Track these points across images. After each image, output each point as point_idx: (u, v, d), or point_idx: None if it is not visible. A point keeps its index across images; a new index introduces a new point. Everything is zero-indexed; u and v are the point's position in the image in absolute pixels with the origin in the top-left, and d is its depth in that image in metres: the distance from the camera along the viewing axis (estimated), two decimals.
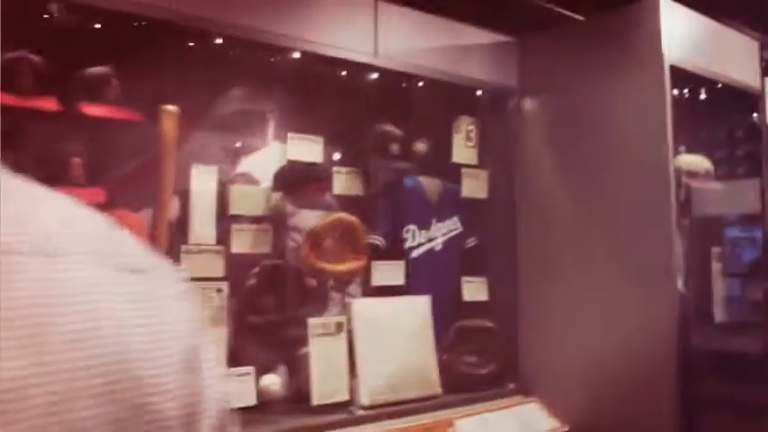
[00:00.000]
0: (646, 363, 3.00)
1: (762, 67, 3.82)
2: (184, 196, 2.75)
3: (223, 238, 2.77)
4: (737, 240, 4.25)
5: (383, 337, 3.00)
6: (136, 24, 2.45)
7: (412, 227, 3.45)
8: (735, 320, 4.10)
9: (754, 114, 3.80)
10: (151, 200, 2.63)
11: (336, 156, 3.30)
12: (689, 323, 3.14)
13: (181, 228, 2.74)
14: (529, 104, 3.53)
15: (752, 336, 3.84)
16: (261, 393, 2.70)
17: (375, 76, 3.11)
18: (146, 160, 2.67)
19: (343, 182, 3.15)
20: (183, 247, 2.66)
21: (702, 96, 3.57)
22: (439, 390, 3.12)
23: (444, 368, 3.20)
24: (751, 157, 3.95)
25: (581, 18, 3.45)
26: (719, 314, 4.09)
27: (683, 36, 3.19)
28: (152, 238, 2.58)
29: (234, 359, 2.72)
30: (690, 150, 3.75)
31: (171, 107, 2.62)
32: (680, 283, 3.04)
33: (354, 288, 3.23)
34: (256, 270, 2.94)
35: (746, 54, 3.73)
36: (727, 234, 4.29)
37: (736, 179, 4.06)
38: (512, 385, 3.39)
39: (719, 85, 3.50)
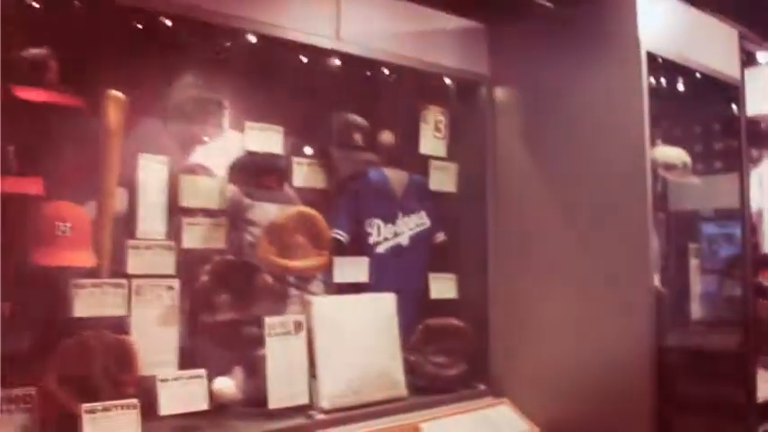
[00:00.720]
0: (621, 362, 2.95)
1: (741, 59, 3.73)
2: (132, 188, 2.63)
3: (174, 232, 2.68)
4: (713, 237, 4.21)
5: (345, 337, 2.92)
6: (78, 3, 2.32)
7: (377, 221, 3.39)
8: (711, 318, 4.07)
9: (733, 106, 3.70)
10: (95, 191, 2.53)
11: (297, 146, 3.17)
12: (665, 321, 3.09)
13: (128, 221, 2.62)
14: (500, 94, 3.46)
15: (729, 333, 3.82)
16: (214, 397, 2.60)
17: (338, 62, 2.99)
18: (89, 149, 2.53)
19: (304, 174, 3.05)
20: (131, 242, 2.56)
21: (681, 87, 3.46)
22: (404, 392, 3.06)
23: (410, 369, 3.14)
24: (730, 150, 3.89)
25: (551, 5, 3.33)
26: (696, 311, 4.04)
27: (659, 22, 3.12)
28: (96, 232, 2.47)
29: (187, 361, 2.63)
30: (667, 143, 3.67)
31: (116, 92, 2.52)
32: (656, 280, 2.99)
33: (316, 285, 3.16)
34: (209, 266, 2.82)
35: (726, 43, 3.67)
36: (703, 230, 4.25)
37: (714, 173, 4.00)
38: (482, 386, 3.34)
39: (698, 75, 3.40)
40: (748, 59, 3.91)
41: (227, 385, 2.67)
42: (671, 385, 3.05)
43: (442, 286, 3.44)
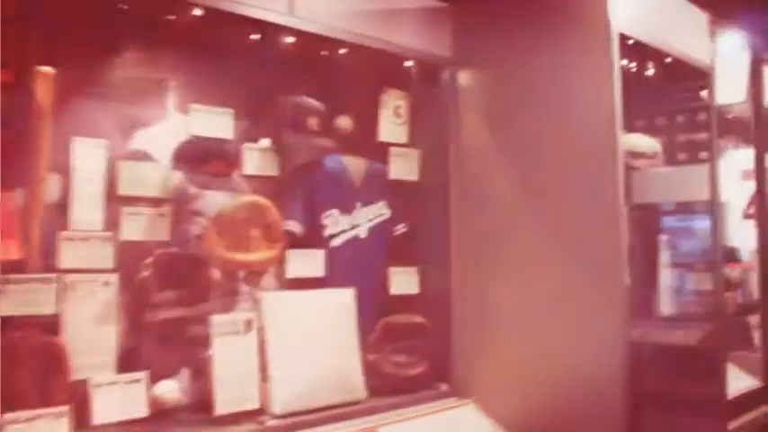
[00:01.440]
0: (591, 360, 2.89)
1: (712, 45, 3.68)
2: (65, 174, 2.48)
3: (112, 223, 2.54)
4: (674, 230, 4.17)
5: (299, 336, 2.83)
6: None
7: (333, 212, 3.29)
8: (678, 312, 4.08)
9: (704, 93, 3.64)
10: (23, 178, 2.37)
11: (247, 131, 3.04)
12: (633, 317, 3.02)
13: (61, 211, 2.47)
14: (464, 77, 3.36)
15: (697, 328, 3.80)
16: (156, 402, 2.48)
17: (291, 39, 2.85)
18: (15, 130, 2.35)
19: (255, 160, 2.95)
20: (64, 234, 2.41)
21: (650, 73, 3.36)
22: (363, 394, 2.98)
23: (369, 370, 3.06)
24: (699, 140, 3.86)
25: None
26: (664, 306, 4.03)
27: (630, 3, 3.02)
28: (24, 222, 2.33)
29: (127, 363, 2.49)
30: (634, 131, 3.59)
31: (46, 68, 2.37)
32: (626, 275, 2.89)
33: (267, 280, 3.03)
34: (151, 260, 2.69)
35: (697, 28, 3.63)
36: (664, 223, 4.22)
37: (682, 164, 3.94)
38: (445, 387, 3.27)
39: (669, 60, 3.35)
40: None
41: (170, 389, 2.55)
42: (641, 382, 3.00)
43: (403, 281, 3.35)
